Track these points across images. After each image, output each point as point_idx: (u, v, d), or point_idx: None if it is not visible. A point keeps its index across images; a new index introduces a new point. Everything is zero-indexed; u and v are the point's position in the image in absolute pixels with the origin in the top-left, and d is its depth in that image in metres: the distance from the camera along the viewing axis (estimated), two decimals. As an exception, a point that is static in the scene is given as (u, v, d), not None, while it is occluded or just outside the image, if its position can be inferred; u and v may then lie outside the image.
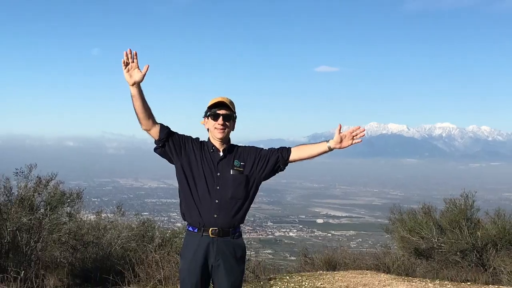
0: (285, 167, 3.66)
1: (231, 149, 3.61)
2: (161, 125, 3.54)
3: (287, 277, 9.01)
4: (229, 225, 3.50)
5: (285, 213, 73.94)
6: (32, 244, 7.23)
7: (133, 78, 3.36)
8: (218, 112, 3.53)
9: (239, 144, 3.70)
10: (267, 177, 3.63)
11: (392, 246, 12.99)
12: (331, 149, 3.56)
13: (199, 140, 3.65)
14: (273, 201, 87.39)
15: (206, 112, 3.60)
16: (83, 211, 9.20)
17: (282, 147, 3.68)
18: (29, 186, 7.52)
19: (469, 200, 11.37)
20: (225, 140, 3.60)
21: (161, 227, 11.72)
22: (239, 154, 3.61)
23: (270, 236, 49.75)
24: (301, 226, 59.57)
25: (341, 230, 56.72)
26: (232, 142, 3.66)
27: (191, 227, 3.54)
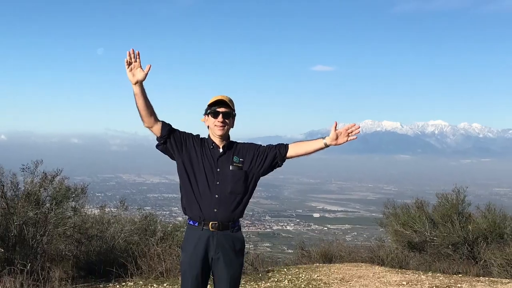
0: (283, 163, 3.66)
1: (230, 145, 3.61)
2: (163, 122, 3.54)
3: (285, 270, 9.02)
4: (229, 219, 3.50)
5: (282, 207, 74.00)
6: (38, 237, 7.23)
7: (135, 77, 3.36)
8: (218, 110, 3.53)
9: (238, 140, 3.70)
10: (265, 172, 3.63)
11: (386, 239, 13.00)
12: (327, 146, 3.56)
13: (200, 137, 3.65)
14: (271, 196, 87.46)
15: (206, 110, 3.60)
16: (88, 206, 9.19)
17: (279, 144, 3.68)
18: (35, 181, 7.51)
19: (461, 195, 11.39)
20: (225, 137, 3.59)
21: (163, 221, 11.69)
22: (238, 150, 3.61)
23: (268, 229, 49.78)
24: (298, 220, 59.63)
25: (337, 224, 56.76)
26: (231, 139, 3.66)
27: (192, 221, 3.54)
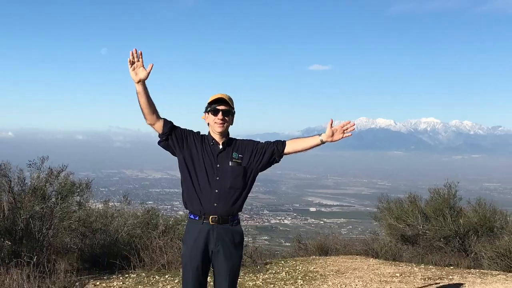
0: (280, 159, 3.67)
1: (230, 142, 3.61)
2: (165, 120, 3.54)
3: (282, 262, 9.03)
4: (228, 213, 3.51)
5: (280, 202, 74.01)
6: (44, 231, 7.24)
7: (138, 76, 3.36)
8: (217, 107, 3.53)
9: (237, 137, 3.70)
10: (264, 168, 3.64)
11: (380, 232, 13.00)
12: (323, 142, 3.57)
13: (200, 134, 3.65)
14: (269, 190, 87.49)
15: (206, 107, 3.61)
16: (92, 200, 9.18)
17: (277, 140, 3.69)
18: (41, 177, 7.51)
19: (452, 190, 11.39)
20: (224, 133, 3.60)
21: (165, 215, 11.68)
22: (238, 147, 3.61)
23: (266, 223, 49.80)
24: (295, 214, 59.68)
25: (333, 218, 56.77)
26: (231, 135, 3.67)
27: (193, 215, 3.55)
